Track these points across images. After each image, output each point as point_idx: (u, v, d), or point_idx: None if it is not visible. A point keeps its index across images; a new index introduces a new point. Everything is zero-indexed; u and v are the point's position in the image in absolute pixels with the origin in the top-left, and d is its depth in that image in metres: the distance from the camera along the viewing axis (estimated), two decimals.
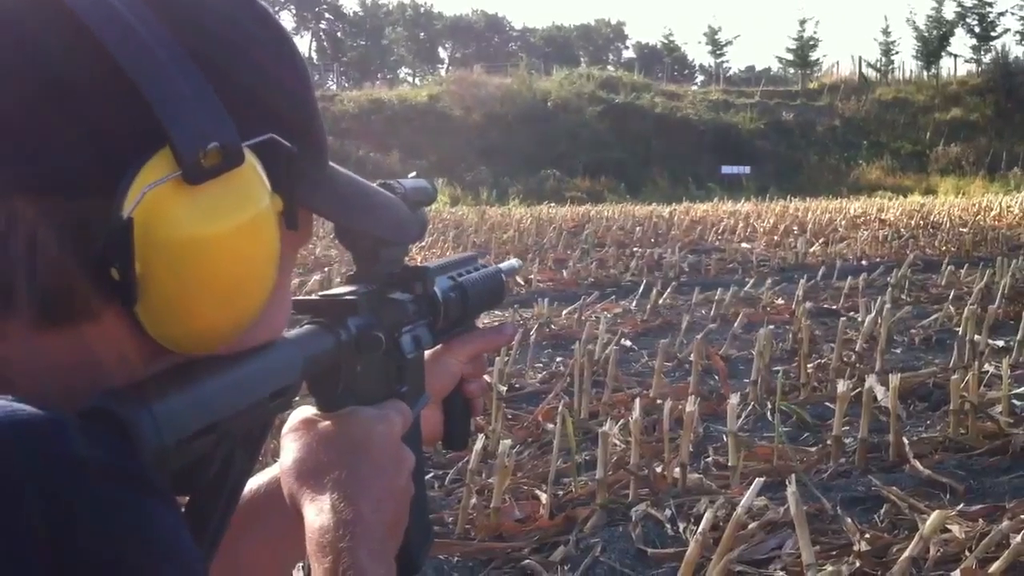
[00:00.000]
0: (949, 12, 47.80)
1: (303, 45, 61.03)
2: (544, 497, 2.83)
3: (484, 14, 77.06)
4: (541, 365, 4.76)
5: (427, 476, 3.00)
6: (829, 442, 3.23)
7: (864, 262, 8.95)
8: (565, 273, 8.43)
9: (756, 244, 10.84)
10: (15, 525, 0.43)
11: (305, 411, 0.75)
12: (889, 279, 7.29)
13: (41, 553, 0.43)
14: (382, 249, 0.80)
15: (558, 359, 4.90)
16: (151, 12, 0.55)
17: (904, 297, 6.62)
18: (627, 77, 42.49)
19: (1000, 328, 5.20)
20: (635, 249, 10.24)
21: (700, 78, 64.25)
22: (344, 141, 29.92)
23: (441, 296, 0.90)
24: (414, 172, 0.94)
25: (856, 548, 2.43)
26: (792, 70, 50.12)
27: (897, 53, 64.23)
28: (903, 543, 2.39)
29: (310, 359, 0.69)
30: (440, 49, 75.66)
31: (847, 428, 3.34)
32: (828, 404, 3.72)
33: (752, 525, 2.58)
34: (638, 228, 12.73)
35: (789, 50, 48.24)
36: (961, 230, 11.55)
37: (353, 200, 0.71)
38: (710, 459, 3.26)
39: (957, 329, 4.92)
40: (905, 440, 3.24)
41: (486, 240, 11.22)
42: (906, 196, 25.07)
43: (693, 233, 12.12)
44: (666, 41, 64.26)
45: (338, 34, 70.34)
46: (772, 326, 4.82)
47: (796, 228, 12.40)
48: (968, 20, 46.79)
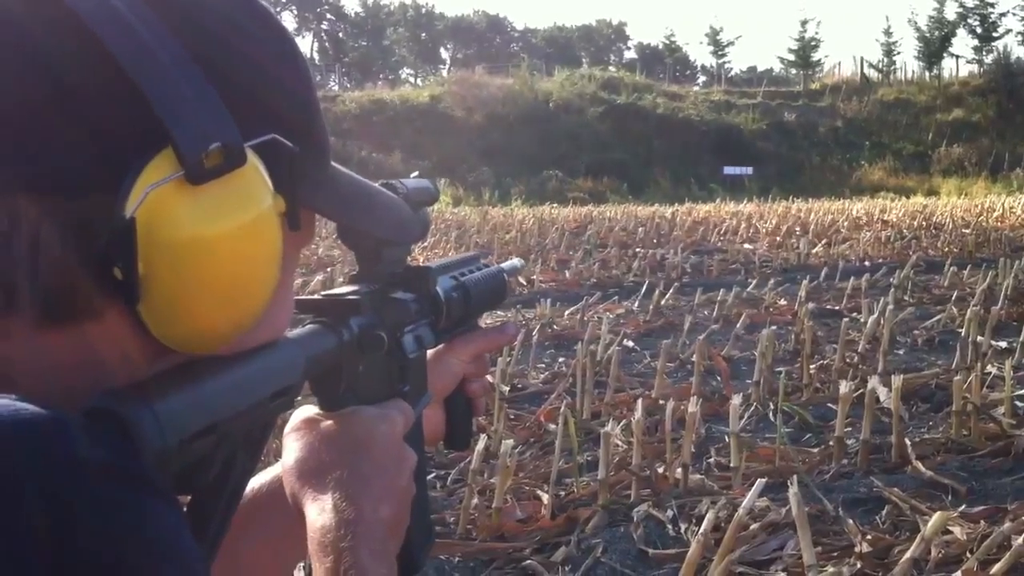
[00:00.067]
0: (951, 13, 47.92)
1: (304, 46, 61.02)
2: (546, 497, 2.83)
3: (485, 15, 77.08)
4: (543, 365, 4.76)
5: (429, 476, 3.00)
6: (831, 443, 3.23)
7: (867, 263, 8.94)
8: (567, 273, 8.44)
9: (759, 245, 10.83)
10: (15, 525, 0.43)
11: (307, 411, 0.75)
12: (892, 280, 7.27)
13: (41, 553, 0.43)
14: (384, 249, 0.80)
15: (560, 359, 4.90)
16: (153, 13, 0.55)
17: (907, 298, 6.61)
18: (629, 78, 42.50)
19: (1003, 329, 5.20)
20: (637, 250, 10.24)
21: (702, 79, 64.26)
22: (346, 142, 29.95)
23: (443, 296, 0.90)
24: (416, 172, 0.94)
25: (858, 549, 2.43)
26: (794, 71, 50.14)
27: (899, 54, 64.40)
28: (905, 544, 2.39)
29: (312, 359, 0.69)
30: (442, 50, 75.70)
31: (849, 429, 3.33)
32: (830, 405, 3.71)
33: (754, 526, 2.58)
34: (640, 229, 12.72)
35: (791, 51, 48.24)
36: (964, 231, 11.55)
37: (355, 200, 0.71)
38: (712, 460, 3.26)
39: (960, 330, 4.91)
40: (907, 441, 3.23)
41: (488, 240, 11.22)
42: (909, 197, 25.07)
43: (695, 234, 12.11)
44: (668, 42, 64.07)
45: (340, 35, 70.32)
46: (774, 327, 4.82)
47: (799, 229, 12.40)
48: (970, 21, 46.79)
